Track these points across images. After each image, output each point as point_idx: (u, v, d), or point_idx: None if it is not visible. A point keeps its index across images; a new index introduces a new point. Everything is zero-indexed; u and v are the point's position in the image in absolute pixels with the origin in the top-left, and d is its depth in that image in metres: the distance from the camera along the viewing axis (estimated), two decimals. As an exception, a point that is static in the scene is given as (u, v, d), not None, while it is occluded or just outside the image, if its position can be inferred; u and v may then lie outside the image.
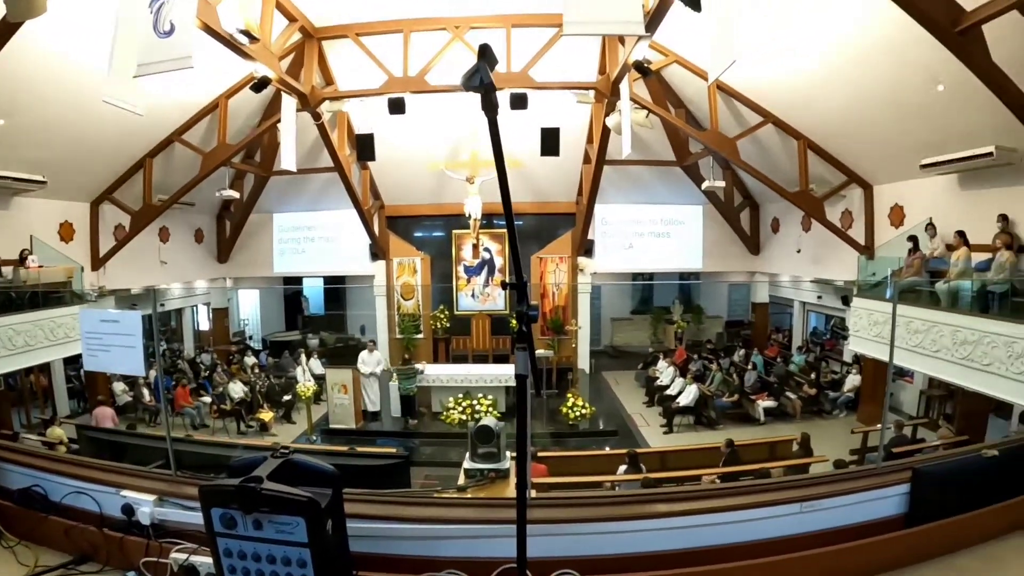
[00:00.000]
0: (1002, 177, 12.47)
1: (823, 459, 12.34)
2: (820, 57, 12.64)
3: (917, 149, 13.51)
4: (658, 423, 17.47)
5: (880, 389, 15.33)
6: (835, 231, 17.19)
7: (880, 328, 13.61)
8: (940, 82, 11.24)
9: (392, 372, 17.62)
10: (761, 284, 24.56)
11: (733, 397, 17.85)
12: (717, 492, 3.65)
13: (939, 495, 3.61)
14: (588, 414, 16.71)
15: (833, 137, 15.63)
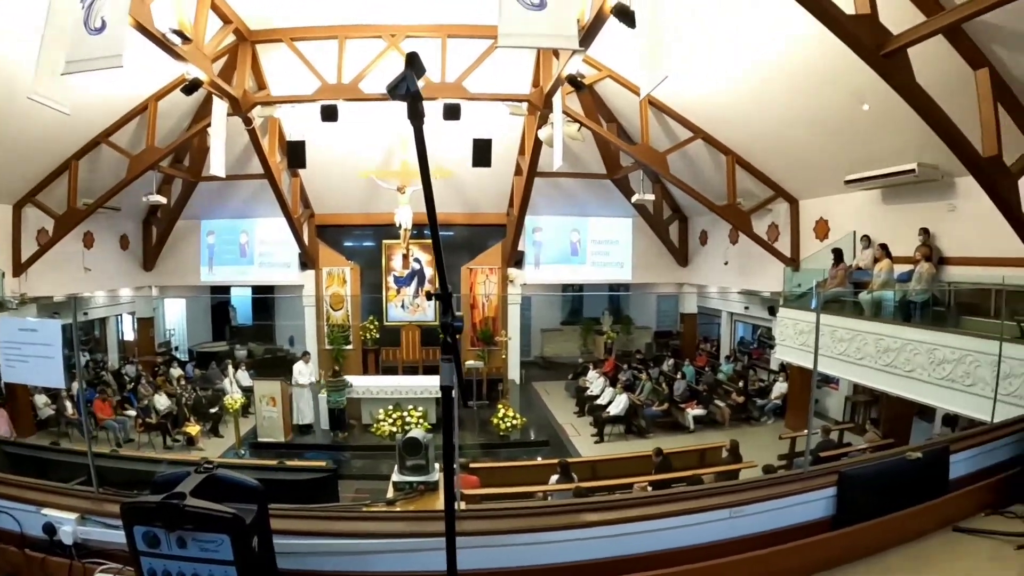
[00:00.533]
0: (923, 193, 12.98)
1: (752, 465, 12.55)
2: (750, 76, 12.94)
3: (842, 165, 13.98)
4: (589, 432, 17.49)
5: (806, 396, 15.66)
6: (762, 244, 17.57)
7: (805, 337, 13.92)
8: (865, 102, 11.64)
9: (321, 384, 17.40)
10: (689, 295, 24.96)
11: (663, 406, 18.00)
12: (648, 500, 3.67)
13: (866, 497, 3.70)
14: (519, 425, 16.62)
15: (761, 153, 16.04)
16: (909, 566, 3.46)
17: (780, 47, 11.66)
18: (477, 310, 21.68)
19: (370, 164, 18.71)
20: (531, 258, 22.50)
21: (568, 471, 11.74)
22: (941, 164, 12.00)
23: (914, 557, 3.54)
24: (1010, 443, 4.58)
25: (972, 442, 4.46)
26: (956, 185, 12.34)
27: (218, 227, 22.00)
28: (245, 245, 22.03)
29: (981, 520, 3.92)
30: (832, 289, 14.10)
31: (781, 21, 10.75)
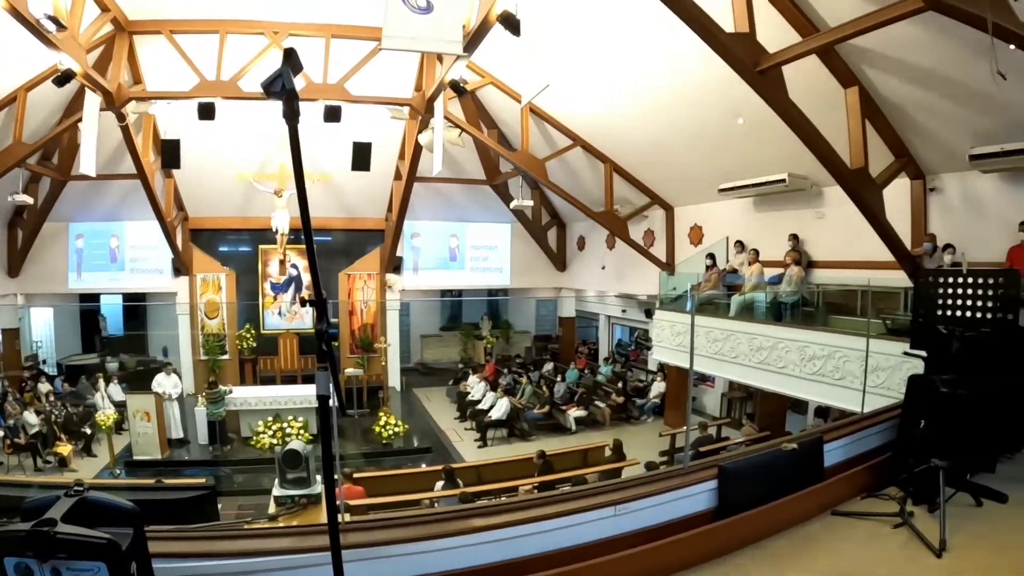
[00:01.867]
0: (793, 201, 13.69)
1: (635, 463, 12.81)
2: (630, 87, 13.26)
3: (716, 174, 14.53)
4: (472, 438, 17.46)
5: (684, 394, 16.07)
6: (638, 249, 18.04)
7: (681, 338, 14.38)
8: (740, 115, 12.15)
9: (197, 396, 16.76)
10: (568, 299, 25.36)
11: (544, 408, 18.13)
12: (534, 502, 3.68)
13: (746, 488, 3.82)
14: (402, 432, 16.52)
15: (639, 162, 16.49)
16: (792, 550, 3.62)
17: (659, 61, 11.99)
18: (355, 316, 21.29)
19: (247, 166, 18.21)
20: (409, 263, 22.38)
21: (453, 477, 11.70)
22: (810, 175, 12.72)
23: (797, 541, 3.71)
24: (880, 431, 4.84)
25: (844, 432, 4.68)
26: (824, 194, 13.07)
27: (87, 230, 20.57)
28: (116, 250, 20.73)
29: (858, 503, 4.15)
30: (706, 292, 14.59)
31: (661, 35, 11.06)
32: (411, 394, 22.32)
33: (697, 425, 14.23)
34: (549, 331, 28.30)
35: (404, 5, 8.77)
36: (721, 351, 13.03)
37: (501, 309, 28.78)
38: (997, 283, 4.05)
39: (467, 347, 27.11)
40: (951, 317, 4.17)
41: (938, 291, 4.25)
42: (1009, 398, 4.50)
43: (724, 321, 13.34)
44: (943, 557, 3.41)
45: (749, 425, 14.53)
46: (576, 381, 20.11)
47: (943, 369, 4.06)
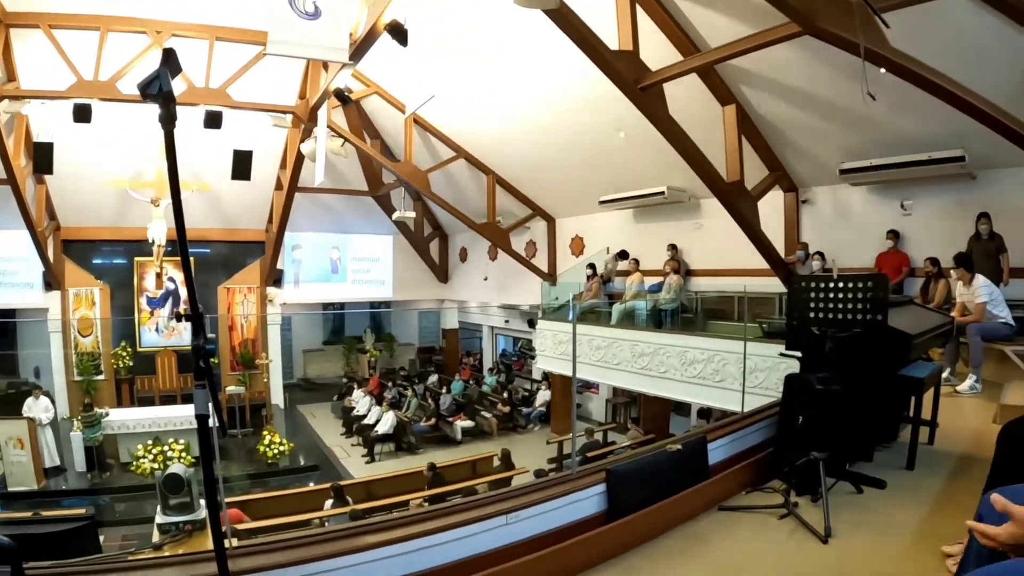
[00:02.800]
0: (672, 212, 14.19)
1: (524, 471, 13.03)
2: (513, 100, 13.48)
3: (598, 187, 14.91)
4: (359, 453, 17.29)
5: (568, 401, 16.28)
6: (520, 260, 18.28)
7: (564, 347, 14.53)
8: (622, 129, 12.48)
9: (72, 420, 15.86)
10: (451, 311, 25.40)
11: (430, 421, 18.16)
12: (425, 515, 3.64)
13: (634, 489, 3.92)
14: (287, 451, 16.17)
15: (521, 174, 16.75)
16: (683, 547, 3.73)
17: (543, 75, 12.26)
18: (236, 332, 20.46)
19: (124, 173, 17.24)
20: (290, 276, 21.91)
21: (342, 494, 11.59)
22: (689, 187, 13.22)
23: (687, 538, 3.82)
24: (761, 428, 5.05)
25: (726, 431, 4.85)
26: (702, 206, 13.59)
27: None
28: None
29: (743, 498, 4.31)
30: (588, 301, 14.88)
31: (546, 50, 11.28)
32: (295, 411, 21.92)
33: (583, 431, 14.53)
34: (433, 343, 28.33)
35: (291, 9, 8.65)
36: (604, 358, 13.25)
37: (384, 322, 28.64)
38: (866, 286, 4.28)
39: (351, 361, 26.89)
40: (824, 319, 4.37)
41: (810, 295, 4.45)
42: (881, 391, 4.79)
43: (606, 329, 13.60)
44: (829, 543, 3.58)
45: (634, 429, 14.88)
46: (461, 392, 20.13)
47: (818, 368, 4.25)
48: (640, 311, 13.65)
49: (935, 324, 5.65)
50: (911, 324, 4.91)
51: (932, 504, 4.24)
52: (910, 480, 4.70)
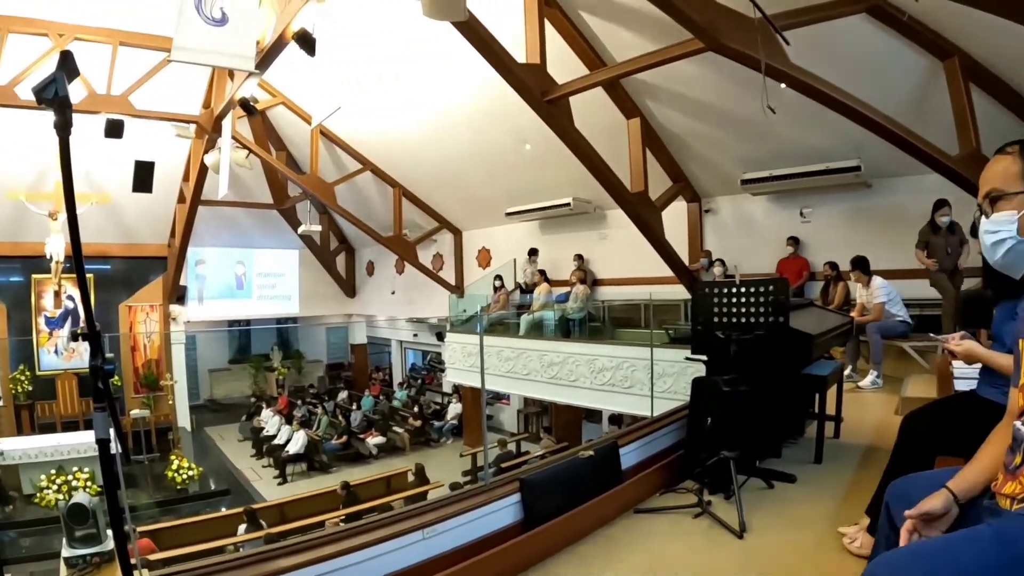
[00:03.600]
0: (577, 223, 14.39)
1: (439, 484, 13.00)
2: (419, 112, 13.42)
3: (504, 199, 15.05)
4: (271, 475, 16.79)
5: (480, 413, 16.32)
6: (427, 273, 18.20)
7: (473, 359, 14.51)
8: (528, 142, 12.62)
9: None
10: (359, 325, 25.05)
11: (342, 438, 17.82)
12: (341, 535, 3.57)
13: (549, 497, 3.94)
14: (196, 475, 15.40)
15: (428, 186, 16.72)
16: (600, 551, 3.77)
17: (450, 86, 12.26)
18: (139, 352, 19.59)
19: (21, 184, 16.13)
20: (194, 293, 21.09)
21: (256, 518, 11.30)
22: (594, 198, 13.44)
23: (604, 542, 3.87)
24: (671, 431, 5.16)
25: (637, 435, 4.92)
26: (607, 216, 13.83)
27: None
28: None
29: (657, 499, 4.39)
30: (496, 312, 14.95)
31: (453, 62, 11.33)
32: (203, 433, 21.15)
33: (496, 442, 14.54)
34: (341, 359, 27.87)
35: (198, 15, 8.36)
36: (514, 369, 13.31)
37: (291, 338, 28.15)
38: (768, 291, 4.40)
39: (258, 380, 26.31)
40: (728, 323, 4.49)
41: (714, 301, 4.57)
42: (786, 390, 4.98)
43: (514, 340, 13.67)
44: (745, 538, 3.69)
45: (547, 438, 14.98)
46: (372, 408, 19.92)
47: (724, 370, 4.35)
48: (548, 321, 13.74)
49: (835, 324, 5.88)
50: (812, 325, 5.09)
51: (840, 494, 4.43)
52: (818, 473, 4.91)
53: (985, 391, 3.12)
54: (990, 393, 3.04)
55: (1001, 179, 1.80)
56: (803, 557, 3.52)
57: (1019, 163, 1.76)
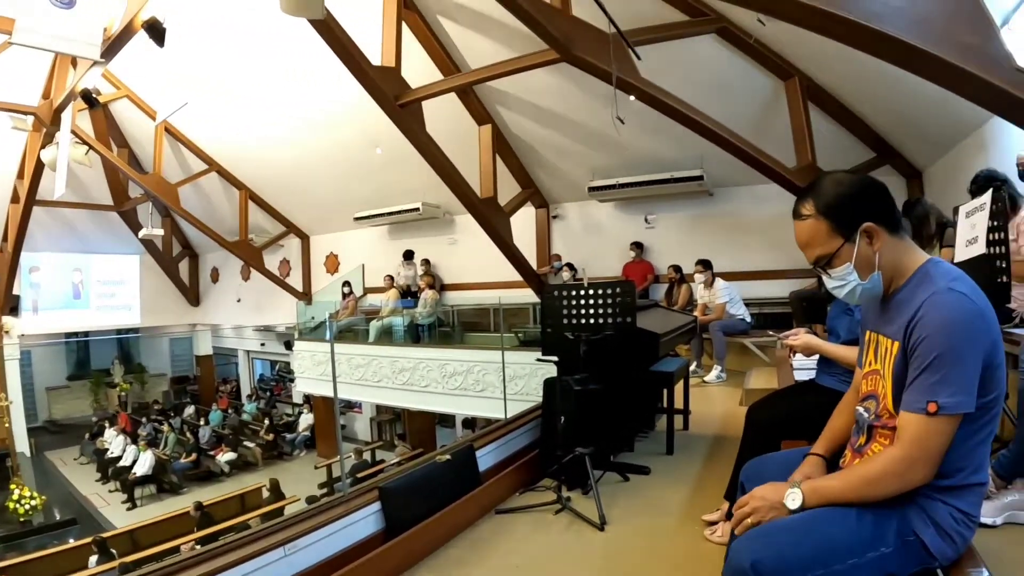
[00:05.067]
0: (427, 228, 14.51)
1: (295, 499, 12.78)
2: (269, 112, 13.08)
3: (354, 203, 14.91)
4: (119, 500, 15.72)
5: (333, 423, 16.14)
6: (274, 279, 17.82)
7: (323, 367, 14.33)
8: (379, 145, 12.56)
9: None
10: (203, 335, 24.05)
11: (191, 456, 17.03)
12: (198, 559, 3.47)
13: (409, 504, 3.96)
14: (40, 505, 14.35)
15: (276, 189, 16.33)
16: (465, 554, 3.82)
17: (302, 87, 12.01)
18: None
19: None
20: (28, 303, 19.34)
21: (106, 548, 10.79)
22: (444, 203, 13.54)
23: (468, 545, 3.92)
24: (526, 431, 5.28)
25: (493, 437, 5.00)
26: (456, 221, 13.98)
27: None
28: None
29: (518, 499, 4.48)
30: (345, 319, 14.81)
31: (305, 61, 11.13)
32: (44, 458, 19.61)
33: (351, 452, 14.39)
34: (187, 371, 26.63)
35: None
36: (365, 376, 13.18)
37: (133, 351, 26.86)
38: (615, 292, 4.56)
39: (99, 397, 24.86)
40: (577, 325, 4.62)
41: (563, 303, 4.68)
42: (635, 387, 5.25)
43: (365, 347, 13.53)
44: (606, 529, 3.83)
45: (402, 445, 14.97)
46: (221, 423, 19.30)
47: (574, 370, 4.48)
48: (398, 327, 13.76)
49: (680, 324, 6.16)
50: (658, 325, 5.33)
51: (693, 482, 4.68)
52: (671, 463, 5.16)
53: (823, 379, 3.49)
54: (827, 381, 3.42)
55: (818, 244, 1.94)
56: (664, 543, 3.70)
57: (822, 222, 1.92)
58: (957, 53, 4.61)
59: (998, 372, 1.78)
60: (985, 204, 3.68)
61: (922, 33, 4.66)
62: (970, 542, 1.87)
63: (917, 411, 1.74)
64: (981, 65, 4.60)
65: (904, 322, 1.82)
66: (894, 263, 1.94)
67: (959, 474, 1.80)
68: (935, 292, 1.78)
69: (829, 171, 2.14)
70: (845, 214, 1.91)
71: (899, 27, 4.67)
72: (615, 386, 4.69)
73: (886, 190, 1.97)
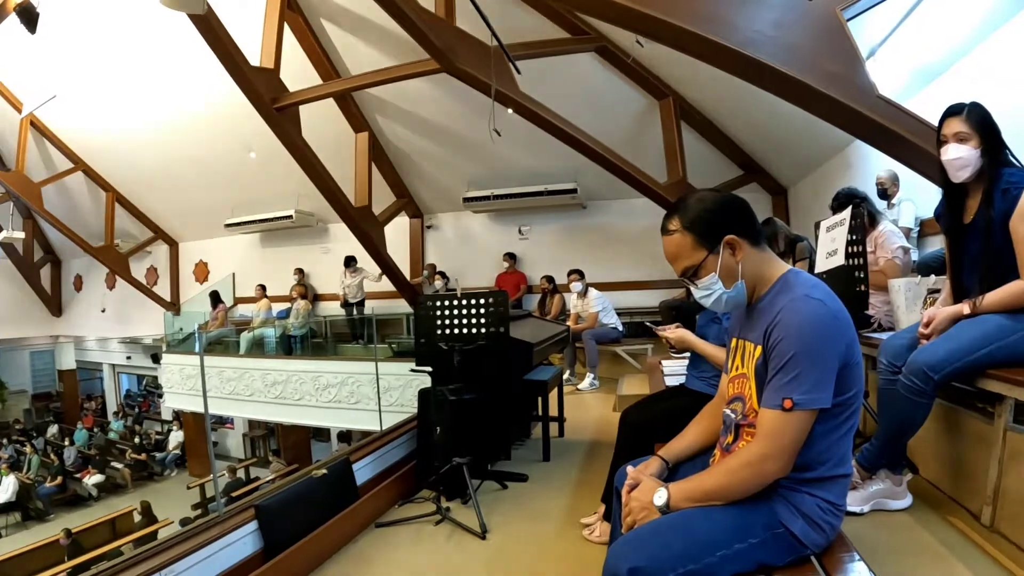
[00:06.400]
0: (299, 236, 14.33)
1: (168, 522, 12.26)
2: (140, 109, 12.56)
3: (225, 209, 14.56)
4: (-20, 532, 14.65)
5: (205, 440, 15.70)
6: (141, 288, 17.17)
7: (193, 381, 13.92)
8: (253, 149, 12.34)
9: None
10: (66, 348, 22.91)
11: (57, 480, 15.94)
12: None
13: (287, 521, 3.90)
14: None
15: (145, 192, 15.67)
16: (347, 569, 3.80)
17: (176, 84, 11.65)
18: None
19: None
20: None
21: (-30, 585, 10.19)
22: (317, 211, 13.37)
23: (350, 560, 3.90)
24: (402, 443, 5.29)
25: (369, 450, 4.99)
26: (330, 230, 13.90)
27: None
28: None
29: (397, 511, 4.49)
30: (215, 331, 14.42)
31: (180, 59, 10.82)
32: None
33: (225, 470, 14.03)
34: (49, 388, 24.92)
35: None
36: (236, 390, 12.87)
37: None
38: (488, 303, 4.62)
39: (-45, 417, 23.36)
40: (451, 335, 4.66)
41: (436, 313, 4.72)
42: (510, 395, 5.35)
43: (236, 359, 13.22)
44: (487, 538, 3.87)
45: (276, 461, 14.64)
46: (87, 443, 18.38)
47: (449, 380, 4.53)
48: (269, 338, 13.55)
49: (553, 333, 6.28)
50: (531, 334, 5.44)
51: (571, 487, 4.79)
52: (548, 470, 5.28)
53: (692, 383, 3.69)
54: (697, 385, 3.62)
55: (685, 256, 2.05)
56: (545, 548, 3.78)
57: (687, 236, 2.03)
58: (824, 81, 4.94)
59: (855, 371, 1.92)
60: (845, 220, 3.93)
61: (792, 61, 4.96)
62: (839, 529, 2.01)
63: (774, 407, 1.86)
64: (846, 93, 4.94)
65: (765, 327, 1.94)
66: (756, 273, 2.06)
67: (823, 466, 1.93)
68: (793, 299, 1.90)
69: (695, 189, 2.25)
70: (709, 228, 2.02)
71: (771, 55, 4.96)
72: (490, 395, 4.77)
73: (747, 206, 2.10)
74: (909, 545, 2.83)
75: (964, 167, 2.91)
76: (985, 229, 2.90)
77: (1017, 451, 2.76)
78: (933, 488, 3.41)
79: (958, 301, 3.06)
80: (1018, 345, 2.76)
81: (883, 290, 4.56)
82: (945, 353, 2.80)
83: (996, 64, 5.39)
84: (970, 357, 2.78)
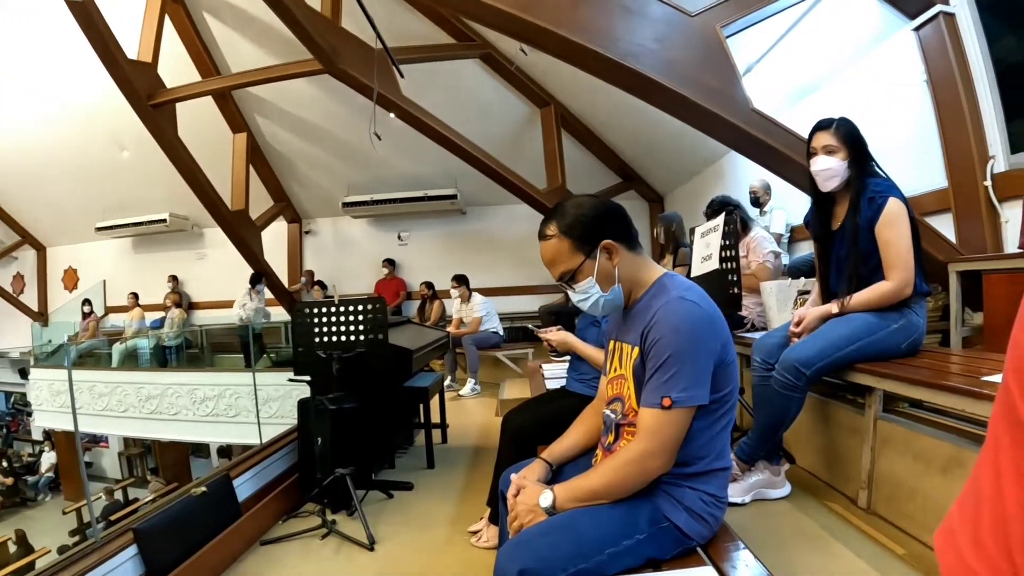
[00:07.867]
0: (174, 242, 13.87)
1: (46, 551, 11.63)
2: (10, 101, 11.73)
3: (97, 211, 13.88)
4: None
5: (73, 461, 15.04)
6: (6, 297, 16.26)
7: (64, 397, 13.18)
8: (126, 148, 11.83)
9: None
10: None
11: None
12: None
13: (168, 543, 3.77)
14: None
15: (12, 192, 14.61)
16: (239, 588, 3.72)
17: (45, 73, 10.94)
18: None
19: None
20: None
21: None
22: (192, 215, 12.97)
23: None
24: (284, 456, 5.19)
25: (249, 464, 4.87)
26: (205, 235, 13.52)
27: None
28: None
29: (281, 527, 4.39)
30: (85, 342, 13.91)
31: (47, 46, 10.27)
32: None
33: (101, 492, 13.46)
34: None
35: None
36: (109, 406, 12.29)
37: None
38: (367, 309, 4.60)
39: None
40: (329, 343, 4.61)
41: (314, 320, 4.66)
42: (391, 403, 5.34)
43: (108, 373, 12.68)
44: (376, 549, 3.82)
45: (155, 480, 14.13)
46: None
47: (328, 389, 4.47)
48: (143, 350, 13.07)
49: (433, 339, 6.31)
50: (411, 340, 5.45)
51: (456, 493, 4.81)
52: (433, 477, 5.28)
53: (573, 386, 3.75)
54: (577, 387, 3.67)
55: (562, 261, 2.10)
56: (435, 555, 3.77)
57: (564, 240, 2.07)
58: (703, 94, 5.11)
59: (730, 369, 2.00)
60: (719, 226, 4.09)
61: (672, 74, 5.11)
62: (722, 520, 2.09)
63: (653, 406, 1.90)
64: (722, 106, 5.12)
65: (641, 328, 1.99)
66: (633, 276, 2.12)
67: (702, 461, 1.99)
68: (668, 300, 1.96)
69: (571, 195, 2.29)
70: (585, 233, 2.06)
71: (651, 67, 5.10)
72: (371, 403, 4.74)
73: (623, 211, 2.16)
74: (791, 531, 2.97)
75: (832, 177, 3.10)
76: (852, 234, 3.08)
77: (888, 438, 2.97)
78: (811, 477, 3.61)
79: (826, 302, 3.25)
80: (885, 340, 2.98)
81: (755, 292, 4.81)
82: (816, 350, 2.98)
83: (864, 84, 5.77)
84: (840, 353, 2.97)
